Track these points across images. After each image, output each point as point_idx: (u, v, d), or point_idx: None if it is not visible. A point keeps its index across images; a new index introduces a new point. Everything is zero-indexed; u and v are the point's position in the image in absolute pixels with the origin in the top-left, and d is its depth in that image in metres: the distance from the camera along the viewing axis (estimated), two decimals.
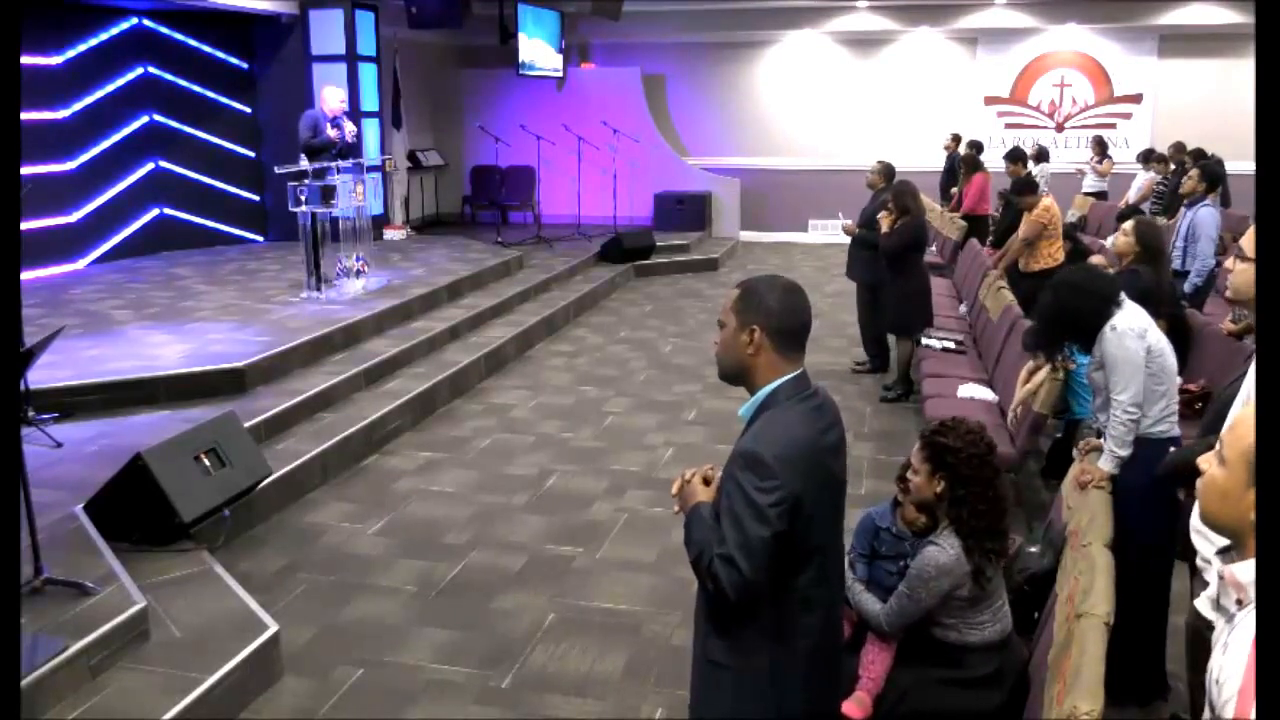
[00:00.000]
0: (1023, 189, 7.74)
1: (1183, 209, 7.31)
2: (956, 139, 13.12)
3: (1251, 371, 2.68)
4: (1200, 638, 2.46)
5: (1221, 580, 1.59)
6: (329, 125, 8.43)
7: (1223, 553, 1.69)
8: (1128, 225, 4.99)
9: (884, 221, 7.17)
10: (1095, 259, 6.23)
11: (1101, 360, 3.48)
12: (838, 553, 2.34)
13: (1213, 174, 7.17)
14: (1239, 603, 1.50)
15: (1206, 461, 1.59)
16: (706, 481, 2.27)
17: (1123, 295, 3.52)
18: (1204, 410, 3.82)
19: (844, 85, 15.16)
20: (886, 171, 7.95)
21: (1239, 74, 13.76)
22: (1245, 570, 1.49)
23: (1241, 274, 2.74)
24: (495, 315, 9.04)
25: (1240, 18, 13.44)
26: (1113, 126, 14.55)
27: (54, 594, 3.63)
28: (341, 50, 11.17)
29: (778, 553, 2.08)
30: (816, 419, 2.18)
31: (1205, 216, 6.81)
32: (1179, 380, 3.68)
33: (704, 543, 2.14)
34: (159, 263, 10.05)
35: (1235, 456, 1.52)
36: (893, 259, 7.13)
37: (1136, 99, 14.57)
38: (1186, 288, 6.68)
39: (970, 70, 14.95)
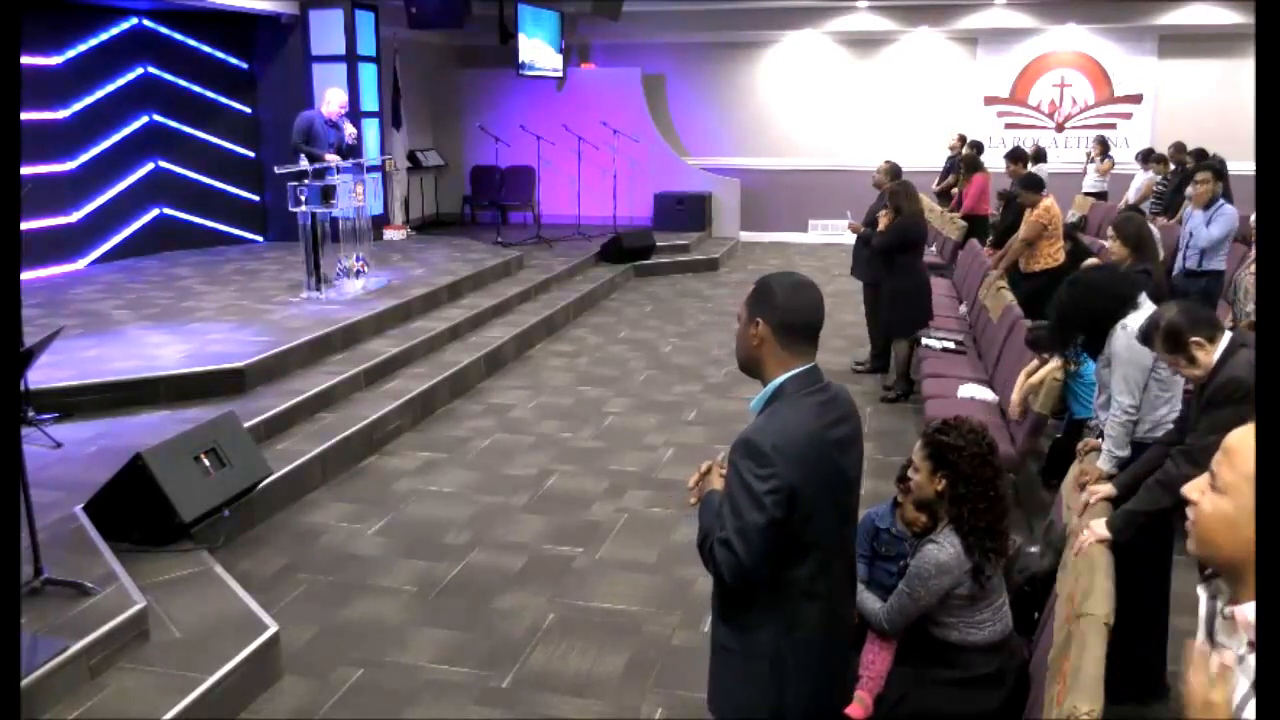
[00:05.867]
0: (1029, 185, 7.75)
1: (1196, 211, 7.28)
2: (962, 139, 13.08)
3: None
4: None
5: (1227, 617, 1.44)
6: (329, 127, 8.42)
7: (1207, 580, 1.53)
8: (1110, 231, 4.97)
9: (882, 220, 7.20)
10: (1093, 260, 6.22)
11: (1109, 358, 3.48)
12: (845, 548, 2.36)
13: (1218, 170, 7.12)
14: (1251, 644, 1.36)
15: (1196, 491, 1.45)
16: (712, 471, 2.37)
17: (1142, 297, 3.51)
18: None
19: (844, 85, 15.14)
20: (893, 171, 7.97)
21: (1239, 74, 13.75)
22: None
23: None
24: (495, 315, 9.04)
25: (1240, 18, 13.43)
26: (1113, 127, 14.53)
27: (54, 594, 3.63)
28: (341, 50, 11.17)
29: (775, 541, 2.12)
30: (823, 413, 2.21)
31: (1227, 212, 6.79)
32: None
33: (708, 527, 2.21)
34: (159, 263, 10.05)
35: (1239, 480, 1.38)
36: (887, 258, 7.15)
37: (1136, 99, 14.56)
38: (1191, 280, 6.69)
39: (970, 70, 14.94)
